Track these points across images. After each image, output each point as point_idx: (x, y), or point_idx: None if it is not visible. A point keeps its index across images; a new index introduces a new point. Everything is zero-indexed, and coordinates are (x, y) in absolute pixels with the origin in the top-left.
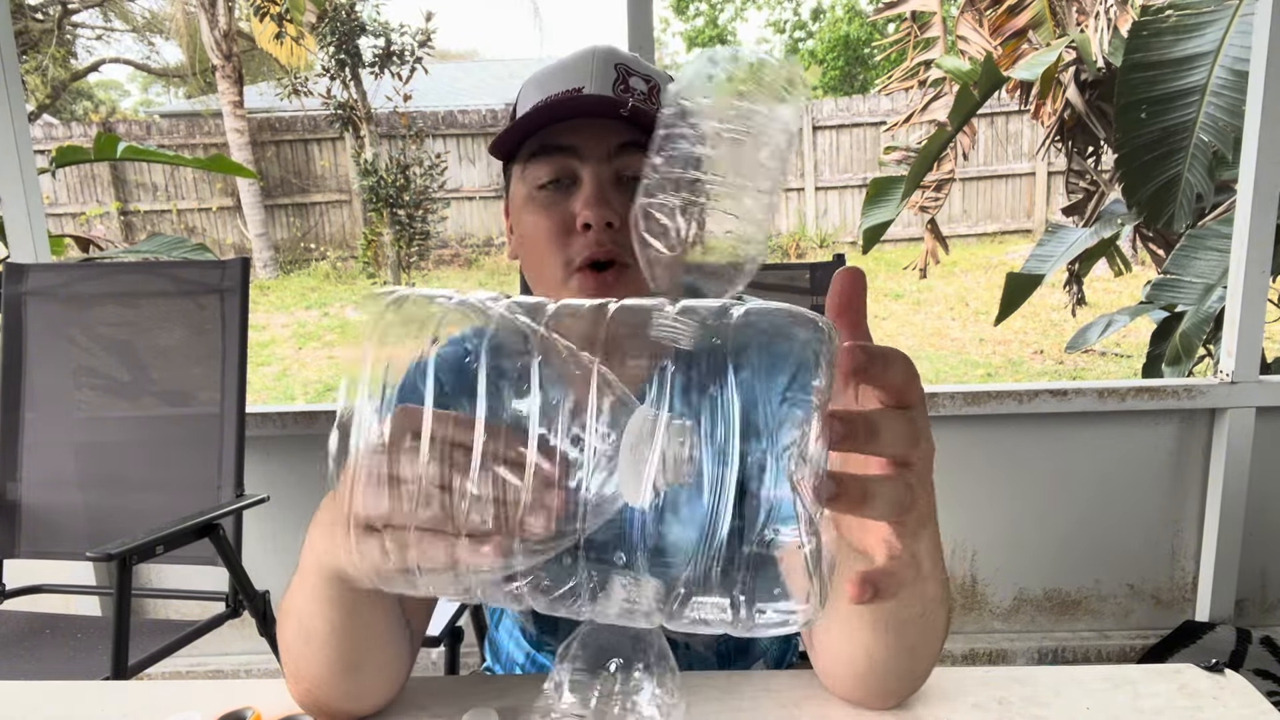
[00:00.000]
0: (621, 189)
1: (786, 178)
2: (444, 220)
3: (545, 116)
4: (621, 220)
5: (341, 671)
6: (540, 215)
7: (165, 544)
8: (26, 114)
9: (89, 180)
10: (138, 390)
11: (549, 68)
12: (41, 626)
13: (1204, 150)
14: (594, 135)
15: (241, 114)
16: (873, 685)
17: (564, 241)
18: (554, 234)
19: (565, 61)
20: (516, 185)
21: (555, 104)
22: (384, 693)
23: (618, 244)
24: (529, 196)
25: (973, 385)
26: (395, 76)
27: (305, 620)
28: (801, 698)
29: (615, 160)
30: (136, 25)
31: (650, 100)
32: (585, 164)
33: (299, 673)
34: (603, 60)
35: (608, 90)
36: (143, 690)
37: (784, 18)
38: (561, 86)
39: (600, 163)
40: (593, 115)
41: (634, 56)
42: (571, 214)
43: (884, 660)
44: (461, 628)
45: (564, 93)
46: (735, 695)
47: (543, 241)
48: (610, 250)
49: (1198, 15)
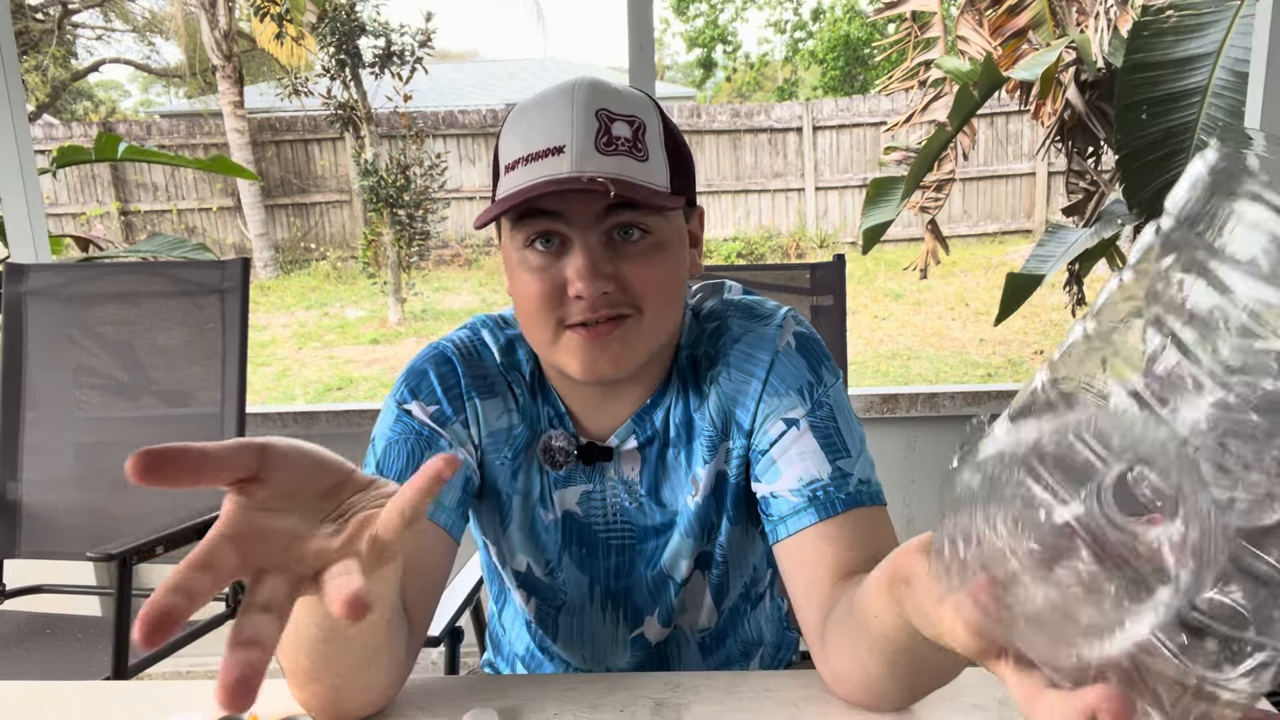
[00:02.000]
0: (614, 246)
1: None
2: (444, 220)
3: (529, 195)
4: (617, 281)
5: (339, 673)
6: (532, 278)
7: (165, 544)
8: (27, 114)
9: (89, 180)
10: (138, 390)
11: (530, 109)
12: (41, 626)
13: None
14: (580, 200)
15: (242, 114)
16: (873, 695)
17: (555, 304)
18: (546, 297)
19: (545, 104)
20: (506, 239)
21: (538, 186)
22: (385, 691)
23: (615, 304)
24: (520, 257)
25: (973, 385)
26: (395, 76)
27: (297, 622)
28: (801, 698)
29: (604, 221)
30: (137, 25)
31: (636, 146)
32: (574, 230)
33: (294, 669)
34: (583, 109)
35: (590, 147)
36: (143, 690)
37: (784, 18)
38: (542, 142)
39: (588, 228)
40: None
41: (615, 92)
42: (563, 279)
43: (880, 679)
44: (461, 628)
45: (545, 151)
46: (735, 695)
47: (535, 302)
48: (606, 313)
49: (1199, 16)
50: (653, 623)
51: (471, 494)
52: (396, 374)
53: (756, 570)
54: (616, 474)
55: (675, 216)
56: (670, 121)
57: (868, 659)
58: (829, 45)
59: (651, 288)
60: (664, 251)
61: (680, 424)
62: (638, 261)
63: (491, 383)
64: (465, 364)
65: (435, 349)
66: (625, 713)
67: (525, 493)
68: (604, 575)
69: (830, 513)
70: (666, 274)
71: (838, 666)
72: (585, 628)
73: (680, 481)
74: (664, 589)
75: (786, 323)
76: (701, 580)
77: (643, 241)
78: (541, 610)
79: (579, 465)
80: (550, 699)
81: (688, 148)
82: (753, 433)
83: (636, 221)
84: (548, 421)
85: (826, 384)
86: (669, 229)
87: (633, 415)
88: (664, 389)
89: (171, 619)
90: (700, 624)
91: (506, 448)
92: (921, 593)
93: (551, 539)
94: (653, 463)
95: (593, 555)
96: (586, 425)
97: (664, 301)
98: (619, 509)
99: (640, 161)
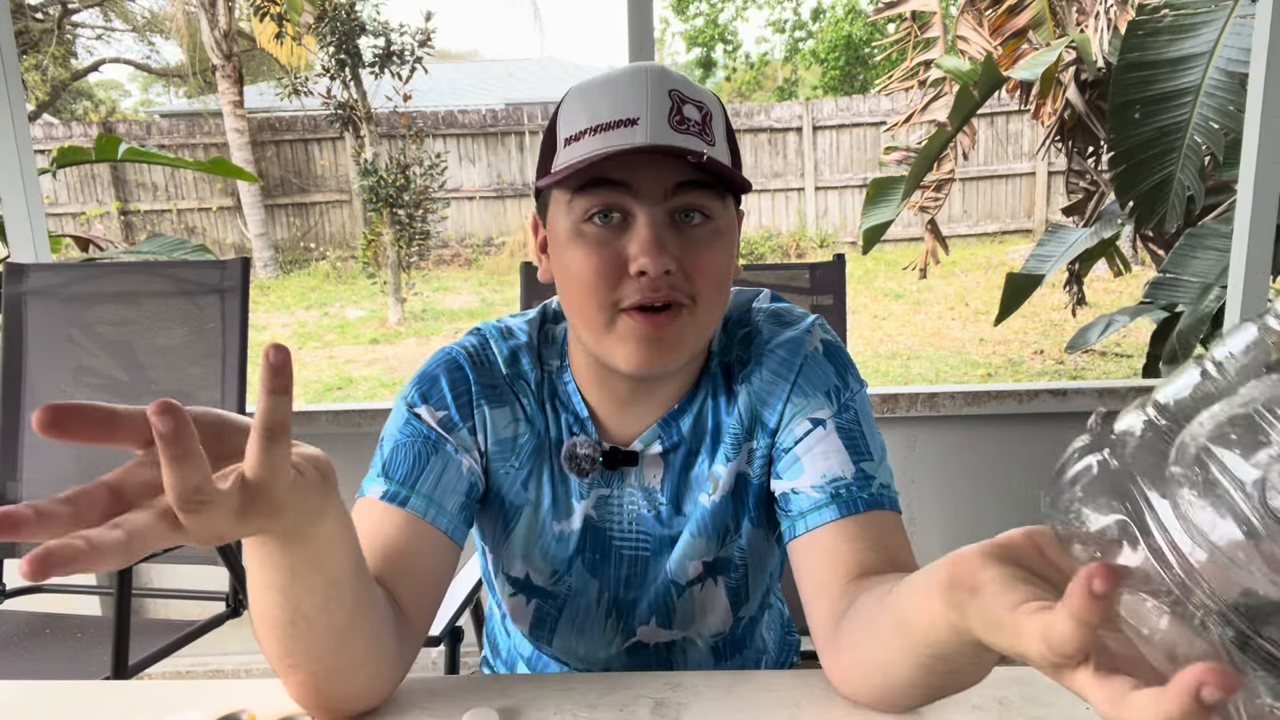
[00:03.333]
0: (677, 227)
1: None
2: (444, 220)
3: (605, 157)
4: (679, 264)
5: (312, 647)
6: (589, 252)
7: None
8: (26, 114)
9: (89, 180)
10: (138, 390)
11: (596, 84)
12: (41, 626)
13: (1196, 151)
14: (650, 173)
15: (242, 114)
16: (886, 696)
17: (613, 283)
18: (603, 274)
19: (615, 81)
20: (558, 213)
21: (615, 152)
22: (374, 681)
23: (674, 288)
24: (575, 230)
25: (973, 385)
26: (395, 76)
27: (260, 606)
28: (802, 698)
29: (672, 199)
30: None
31: (704, 131)
32: (640, 203)
33: (291, 658)
34: (656, 86)
35: (664, 122)
36: (143, 690)
37: (784, 18)
38: (613, 114)
39: (656, 203)
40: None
41: (683, 79)
42: (624, 255)
43: (905, 681)
44: (461, 628)
45: (619, 122)
46: (735, 695)
47: (589, 280)
48: (666, 295)
49: (1193, 15)
50: (651, 626)
51: (475, 500)
52: (396, 374)
53: (771, 577)
54: (637, 480)
55: (731, 208)
56: (729, 119)
57: (899, 660)
58: (829, 45)
59: (708, 277)
60: (723, 240)
61: (709, 430)
62: (699, 247)
63: (500, 392)
64: (476, 371)
65: (448, 354)
66: (625, 712)
67: (536, 503)
68: (614, 584)
69: (852, 510)
70: (722, 264)
71: (851, 665)
72: (585, 631)
73: (702, 485)
74: (668, 592)
75: (814, 329)
76: (714, 586)
77: (705, 226)
78: (540, 613)
79: (601, 471)
80: (550, 699)
81: (739, 148)
82: (778, 430)
83: (702, 205)
84: (566, 428)
85: (853, 390)
86: (728, 218)
87: (659, 420)
88: (692, 393)
89: (22, 528)
90: (714, 629)
91: (514, 457)
92: (991, 601)
93: (562, 549)
94: (676, 470)
95: (605, 562)
96: (610, 429)
97: (717, 294)
98: (636, 517)
99: (709, 144)
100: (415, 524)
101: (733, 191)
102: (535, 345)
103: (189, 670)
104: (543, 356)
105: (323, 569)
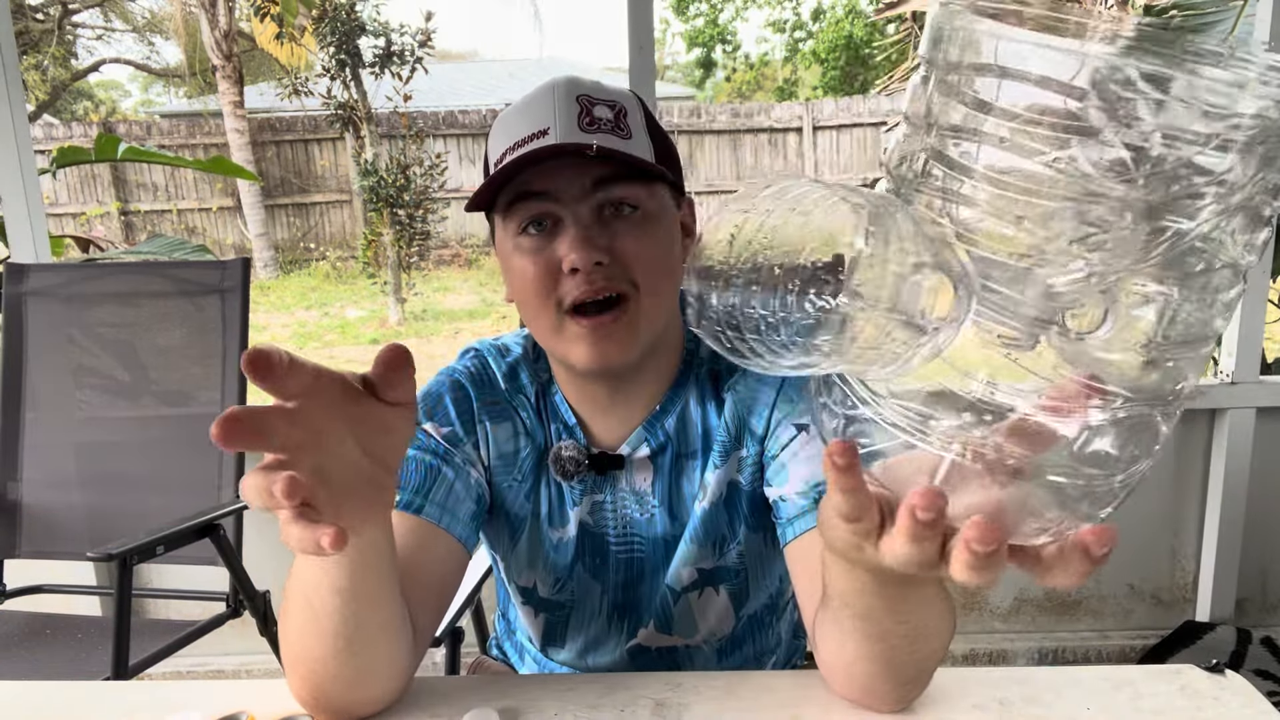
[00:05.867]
0: (604, 222)
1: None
2: (444, 220)
3: (514, 169)
4: (611, 255)
5: (345, 650)
6: (526, 261)
7: (166, 544)
8: (27, 114)
9: (89, 180)
10: (138, 390)
11: (513, 109)
12: (41, 626)
13: None
14: (566, 176)
15: (242, 114)
16: (858, 683)
17: (552, 285)
18: (542, 279)
19: (529, 100)
20: (500, 234)
21: (522, 158)
22: (386, 687)
23: (611, 279)
24: (514, 245)
25: None
26: (395, 76)
27: (310, 592)
28: (802, 698)
29: (593, 196)
30: (136, 25)
31: (618, 126)
32: (564, 206)
33: (302, 654)
34: (564, 96)
35: (573, 126)
36: (143, 690)
37: (784, 18)
38: (526, 130)
39: (578, 202)
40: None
41: (595, 84)
42: (557, 257)
43: (858, 659)
44: (462, 628)
45: (530, 136)
46: (735, 696)
47: (532, 287)
48: (602, 287)
49: (1201, 16)
50: (650, 629)
51: (484, 509)
52: None
53: (783, 580)
54: (628, 484)
55: (664, 196)
56: (652, 113)
57: (845, 640)
58: (830, 45)
59: (645, 262)
60: (655, 225)
61: (699, 436)
62: (630, 235)
63: (502, 408)
64: (478, 389)
65: (450, 374)
66: (625, 713)
67: (536, 513)
68: (614, 587)
69: None
70: (659, 249)
71: (825, 663)
72: (591, 636)
73: (693, 491)
74: (665, 597)
75: None
76: (715, 595)
77: (633, 216)
78: (548, 625)
79: (590, 475)
80: (550, 699)
81: (670, 139)
82: (765, 437)
83: (626, 197)
84: (557, 437)
85: None
86: (658, 206)
87: (643, 422)
88: (673, 394)
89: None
90: (716, 633)
91: (516, 470)
92: (827, 523)
93: (561, 557)
94: (666, 472)
95: (604, 566)
96: (598, 435)
97: (659, 279)
98: (627, 521)
99: (623, 139)
100: (430, 531)
101: (667, 181)
102: (531, 358)
103: (189, 670)
104: (536, 369)
105: (376, 567)
